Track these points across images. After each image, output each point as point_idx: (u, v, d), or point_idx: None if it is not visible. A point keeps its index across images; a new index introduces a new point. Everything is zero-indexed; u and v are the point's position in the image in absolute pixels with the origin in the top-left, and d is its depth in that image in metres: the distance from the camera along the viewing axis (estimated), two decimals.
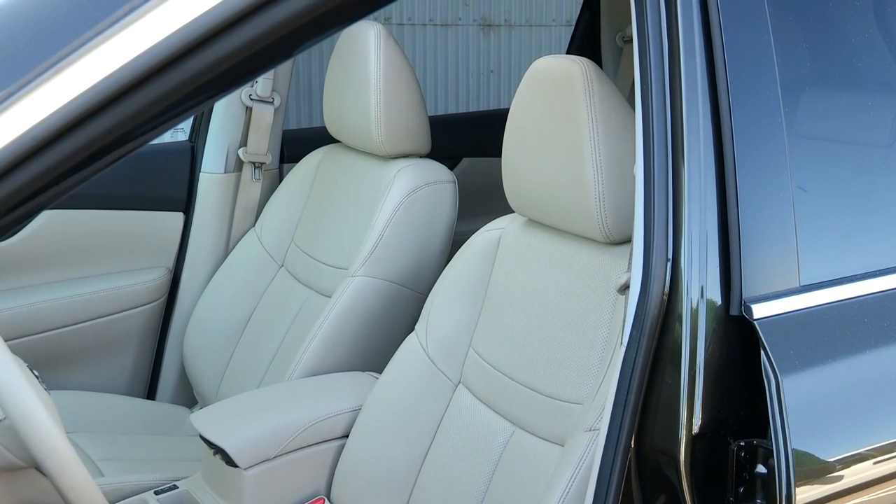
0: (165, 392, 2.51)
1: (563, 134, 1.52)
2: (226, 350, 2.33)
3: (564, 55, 1.57)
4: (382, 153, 2.15)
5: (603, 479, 1.14)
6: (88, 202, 2.34)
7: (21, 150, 0.78)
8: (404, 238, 2.07)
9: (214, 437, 1.77)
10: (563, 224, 1.60)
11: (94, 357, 2.39)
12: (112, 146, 0.83)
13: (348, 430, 1.82)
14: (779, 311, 1.14)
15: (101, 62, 0.80)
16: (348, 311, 2.04)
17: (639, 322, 1.14)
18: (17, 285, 2.29)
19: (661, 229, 1.14)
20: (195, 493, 1.85)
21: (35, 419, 1.11)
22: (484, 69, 4.47)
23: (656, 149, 1.16)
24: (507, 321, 1.67)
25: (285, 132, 2.58)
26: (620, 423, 1.13)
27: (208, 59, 0.83)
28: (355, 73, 2.13)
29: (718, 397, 1.13)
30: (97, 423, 2.18)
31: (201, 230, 2.48)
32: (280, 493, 1.79)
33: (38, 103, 0.79)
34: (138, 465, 2.01)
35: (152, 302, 2.45)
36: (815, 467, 1.12)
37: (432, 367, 1.74)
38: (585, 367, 1.51)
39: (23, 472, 1.19)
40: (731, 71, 1.17)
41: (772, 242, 1.17)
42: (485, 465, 1.60)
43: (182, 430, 2.22)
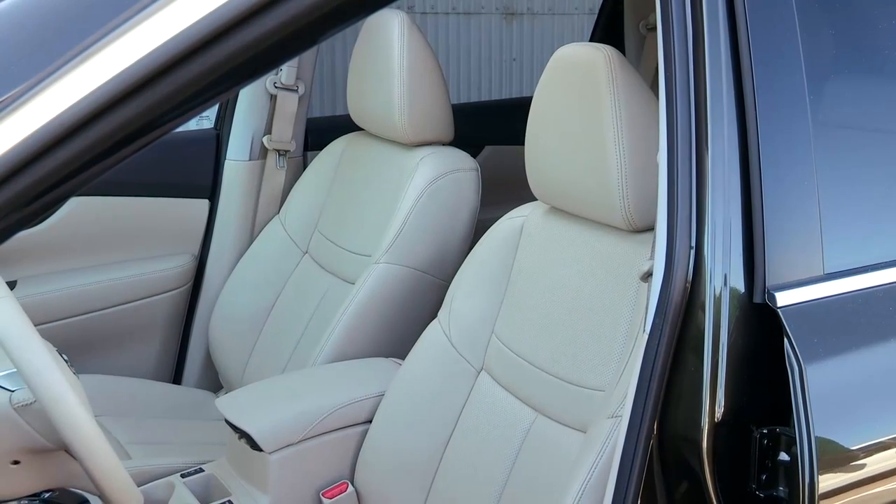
0: (191, 377, 2.52)
1: (587, 121, 1.51)
2: (250, 336, 2.34)
3: (588, 43, 1.56)
4: (406, 141, 2.15)
5: (625, 466, 1.14)
6: (116, 189, 2.36)
7: (49, 136, 0.79)
8: (427, 225, 2.06)
9: (240, 422, 1.78)
10: (585, 211, 1.59)
11: (121, 342, 2.41)
12: (138, 133, 0.83)
13: (371, 415, 1.82)
14: (802, 298, 1.13)
15: (128, 50, 0.80)
16: (371, 298, 2.04)
17: (661, 309, 1.13)
18: (46, 271, 2.31)
19: (685, 217, 1.13)
20: (220, 477, 1.86)
21: (64, 402, 1.12)
22: (506, 58, 4.46)
23: (680, 136, 1.15)
24: (529, 308, 1.67)
25: (309, 120, 2.59)
26: (643, 411, 1.13)
27: (234, 47, 0.83)
28: (379, 62, 2.13)
29: (741, 385, 1.12)
30: (125, 407, 2.20)
31: (226, 217, 2.49)
32: (304, 478, 1.80)
33: (67, 91, 0.79)
34: (165, 448, 2.03)
35: (178, 288, 2.47)
36: (838, 455, 1.11)
37: (455, 354, 1.74)
38: (608, 355, 1.51)
39: (52, 454, 1.21)
40: (756, 59, 1.16)
41: (796, 230, 1.16)
42: (507, 451, 1.60)
43: (207, 415, 2.23)
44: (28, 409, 1.16)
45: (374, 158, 2.26)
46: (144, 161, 2.36)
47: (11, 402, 1.16)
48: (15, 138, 0.78)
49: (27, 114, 0.79)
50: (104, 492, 1.17)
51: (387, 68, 2.10)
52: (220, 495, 1.82)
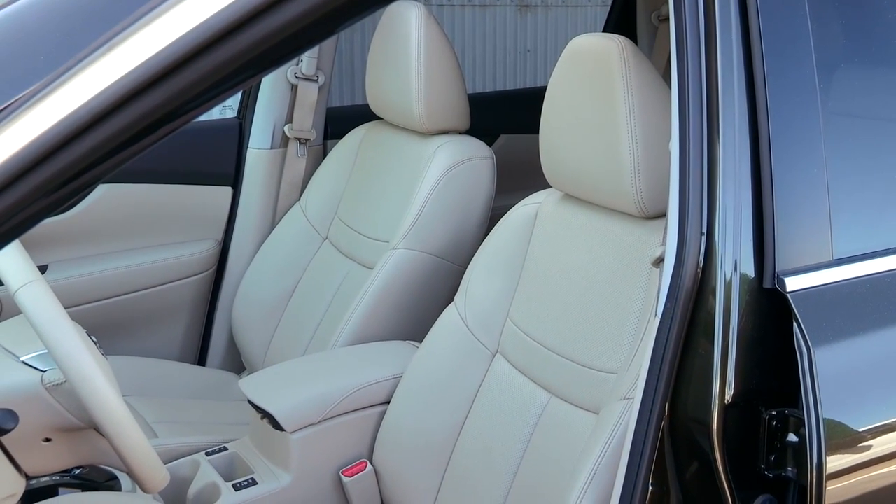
0: (215, 358, 2.53)
1: (600, 110, 1.50)
2: (272, 319, 2.34)
3: (602, 33, 1.55)
4: (423, 130, 2.14)
5: (637, 447, 1.14)
6: (142, 177, 2.37)
7: (77, 124, 0.79)
8: (444, 212, 2.06)
9: (262, 402, 1.79)
10: (598, 198, 1.58)
11: (147, 324, 2.42)
12: (163, 121, 0.83)
13: (389, 396, 1.83)
14: (811, 284, 1.12)
15: (153, 40, 0.80)
16: (389, 283, 2.04)
17: (673, 294, 1.12)
18: (75, 256, 2.32)
19: (696, 203, 1.12)
20: (243, 455, 1.87)
21: (94, 383, 1.13)
22: (521, 49, 4.44)
23: (692, 124, 1.14)
24: (543, 293, 1.67)
25: (329, 109, 2.59)
26: (654, 392, 1.12)
27: (255, 37, 0.83)
28: (397, 52, 2.12)
29: (751, 368, 1.11)
30: (151, 388, 2.21)
31: (249, 204, 2.50)
32: (324, 456, 1.81)
33: (94, 79, 0.79)
34: (190, 427, 2.03)
35: (202, 272, 2.48)
36: (846, 436, 1.10)
37: (471, 337, 1.74)
38: (620, 338, 1.50)
39: (82, 433, 1.21)
40: (767, 48, 1.15)
41: (805, 217, 1.15)
42: (521, 431, 1.60)
43: (231, 395, 2.24)
44: (59, 389, 1.17)
45: (392, 147, 2.25)
46: (170, 149, 2.38)
47: (43, 382, 1.16)
48: (44, 126, 0.79)
49: (56, 102, 0.79)
50: (132, 469, 1.18)
51: (405, 59, 2.10)
52: (243, 473, 1.83)
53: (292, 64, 2.45)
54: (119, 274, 2.35)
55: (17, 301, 1.18)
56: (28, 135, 0.79)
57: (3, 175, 0.79)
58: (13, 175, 0.79)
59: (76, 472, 1.76)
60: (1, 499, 1.15)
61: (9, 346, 1.20)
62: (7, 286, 1.21)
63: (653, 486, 1.13)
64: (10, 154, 0.79)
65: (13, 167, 0.79)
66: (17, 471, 1.17)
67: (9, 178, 0.79)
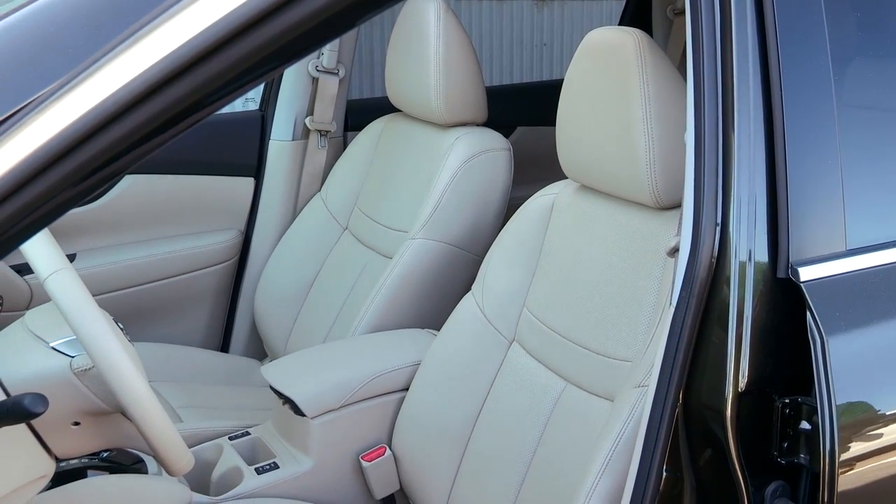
0: (238, 345, 2.54)
1: (616, 102, 1.49)
2: (293, 307, 2.35)
3: (618, 27, 1.54)
4: (441, 122, 2.14)
5: (651, 433, 1.13)
6: (167, 168, 2.37)
7: (104, 115, 0.79)
8: (462, 203, 2.06)
9: (284, 388, 1.79)
10: (614, 189, 1.58)
11: (172, 312, 2.44)
12: (188, 111, 0.83)
13: (408, 383, 1.83)
14: (825, 273, 1.12)
15: (179, 31, 0.80)
16: (408, 272, 2.04)
17: (688, 284, 1.12)
18: (103, 245, 2.33)
19: (711, 194, 1.12)
20: (266, 440, 1.88)
21: (121, 368, 1.14)
22: (537, 42, 4.42)
23: (707, 116, 1.13)
24: (559, 282, 1.66)
25: (349, 102, 2.59)
26: (669, 380, 1.12)
27: (277, 29, 0.83)
28: (416, 46, 2.12)
29: (764, 356, 1.11)
30: (176, 373, 2.22)
31: (271, 195, 2.50)
32: (344, 442, 1.81)
33: (121, 71, 0.80)
34: (214, 412, 2.04)
35: (225, 261, 2.49)
36: (858, 424, 1.10)
37: (488, 326, 1.74)
38: (635, 327, 1.50)
39: (110, 417, 1.22)
40: (782, 40, 1.14)
41: (819, 208, 1.15)
42: (537, 418, 1.60)
43: (253, 381, 2.25)
44: (87, 374, 1.17)
45: (411, 138, 2.25)
46: (194, 141, 2.39)
47: (72, 367, 1.17)
48: (72, 116, 0.79)
49: (84, 94, 0.80)
50: (158, 452, 1.19)
51: (423, 52, 2.10)
52: (265, 457, 1.84)
53: (313, 57, 2.45)
54: (145, 262, 2.36)
55: (46, 288, 1.19)
56: (57, 125, 0.79)
57: (33, 165, 0.79)
58: (42, 165, 0.79)
59: (104, 455, 1.77)
60: (32, 480, 1.16)
61: (39, 332, 1.21)
62: (37, 274, 1.22)
63: (667, 472, 1.13)
64: (39, 144, 0.79)
65: (42, 157, 0.79)
66: (47, 453, 1.18)
67: (38, 168, 0.79)
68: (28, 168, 0.79)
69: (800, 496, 1.12)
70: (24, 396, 1.04)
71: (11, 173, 0.78)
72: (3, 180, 0.78)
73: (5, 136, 0.79)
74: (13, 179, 0.78)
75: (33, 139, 0.79)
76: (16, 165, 0.79)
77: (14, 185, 0.79)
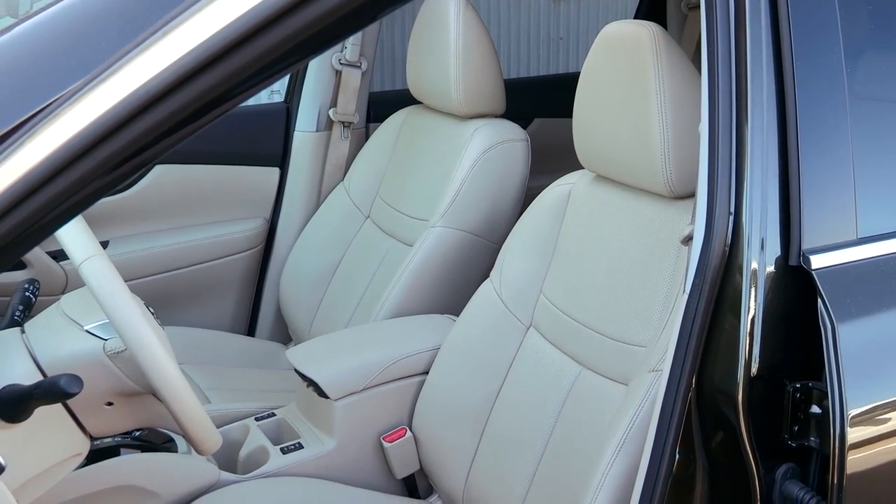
0: (263, 330, 2.55)
1: (632, 94, 1.48)
2: (317, 293, 2.35)
3: (633, 20, 1.53)
4: (461, 113, 2.13)
5: (665, 416, 1.13)
6: (196, 158, 2.38)
7: (135, 105, 0.79)
8: (480, 192, 2.06)
9: (308, 371, 1.80)
10: (630, 179, 1.57)
11: (201, 297, 2.45)
12: (216, 102, 0.83)
13: (428, 367, 1.83)
14: (836, 261, 1.11)
15: (208, 24, 0.80)
16: (428, 259, 2.04)
17: (701, 271, 1.11)
18: (134, 232, 2.35)
19: (724, 184, 1.11)
20: (290, 421, 1.89)
21: (152, 351, 1.14)
22: (554, 37, 4.39)
23: (721, 108, 1.12)
24: (575, 269, 1.66)
25: (371, 94, 2.58)
26: (682, 365, 1.11)
27: (303, 21, 0.83)
28: (436, 40, 2.11)
29: (776, 342, 1.10)
30: (204, 356, 2.23)
31: (295, 184, 2.51)
32: (366, 423, 1.82)
33: (152, 62, 0.80)
34: (240, 394, 2.06)
35: (251, 249, 2.49)
36: (867, 409, 1.09)
37: (506, 311, 1.74)
38: (649, 313, 1.49)
39: (141, 397, 1.23)
40: (796, 34, 1.12)
41: (830, 196, 1.14)
42: (553, 401, 1.60)
43: (279, 365, 2.26)
44: (119, 357, 1.18)
45: (432, 130, 2.25)
46: (222, 132, 2.39)
47: (105, 350, 1.18)
48: (105, 106, 0.79)
49: (116, 84, 0.80)
50: (187, 432, 1.19)
51: (443, 45, 2.09)
52: (290, 437, 1.85)
53: (337, 51, 2.45)
54: (175, 249, 2.37)
55: (80, 274, 1.20)
56: (90, 115, 0.80)
57: (67, 154, 0.80)
58: (76, 154, 0.80)
59: (136, 434, 1.79)
60: (68, 457, 1.17)
61: (73, 316, 1.22)
62: (72, 260, 1.22)
63: (680, 454, 1.13)
64: (72, 134, 0.79)
65: (76, 147, 0.80)
66: (82, 432, 1.19)
67: (72, 157, 0.80)
68: (62, 157, 0.79)
69: (810, 478, 1.11)
70: (60, 377, 1.05)
71: (47, 162, 0.79)
72: (39, 169, 0.78)
73: (40, 126, 0.79)
74: (48, 168, 0.79)
75: (67, 129, 0.79)
76: (50, 154, 0.79)
77: (49, 173, 0.79)
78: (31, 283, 1.39)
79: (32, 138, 0.79)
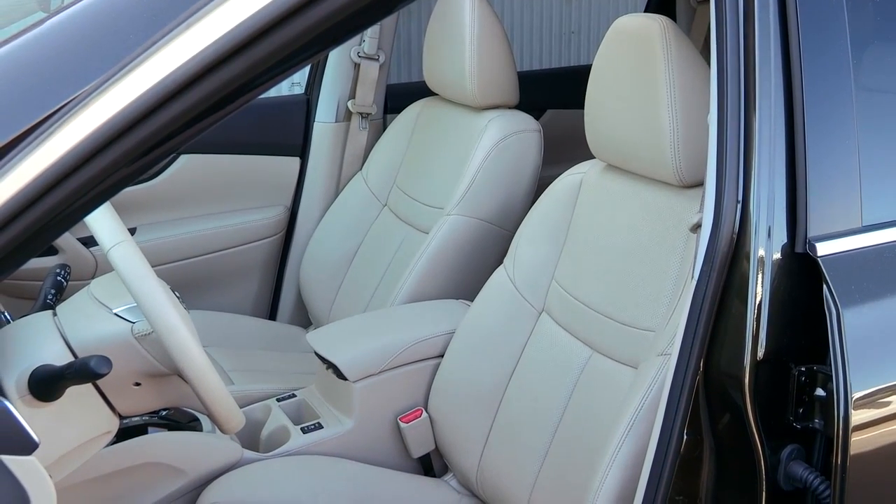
0: (284, 314, 2.56)
1: (642, 85, 1.47)
2: (336, 278, 2.36)
3: (644, 13, 1.52)
4: (475, 104, 2.13)
5: (673, 399, 1.13)
6: (219, 148, 2.39)
7: (161, 94, 0.79)
8: (494, 181, 2.05)
9: (327, 354, 1.81)
10: (640, 168, 1.56)
11: (224, 282, 2.46)
12: (238, 92, 0.83)
13: (443, 350, 1.83)
14: (841, 249, 1.10)
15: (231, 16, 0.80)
16: (443, 246, 2.04)
17: (709, 258, 1.11)
18: (161, 220, 2.36)
19: (733, 173, 1.10)
20: (310, 402, 1.90)
21: (178, 334, 1.15)
22: (566, 31, 4.37)
23: (729, 99, 1.11)
24: (587, 256, 1.65)
25: (389, 86, 2.58)
26: (690, 349, 1.11)
27: (319, 15, 0.82)
28: (452, 33, 2.11)
29: (782, 327, 1.10)
30: (228, 339, 2.24)
31: (315, 173, 2.51)
32: (383, 404, 1.82)
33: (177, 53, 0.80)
34: (262, 375, 2.06)
35: (273, 236, 2.50)
36: (870, 392, 1.08)
37: (518, 297, 1.73)
38: (658, 299, 1.49)
39: (168, 378, 1.23)
40: (803, 27, 1.12)
41: (836, 185, 1.13)
42: (565, 384, 1.60)
43: (299, 348, 2.27)
44: (146, 339, 1.18)
45: (447, 120, 2.24)
46: (245, 123, 2.39)
47: (133, 332, 1.18)
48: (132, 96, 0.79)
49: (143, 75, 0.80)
50: (211, 411, 1.20)
51: (459, 39, 2.08)
52: (310, 417, 1.86)
53: (355, 44, 2.44)
54: (199, 236, 2.38)
55: (109, 259, 1.20)
56: (117, 105, 0.80)
57: (95, 143, 0.80)
58: (103, 143, 0.80)
59: (163, 414, 1.80)
60: (99, 435, 1.18)
61: (103, 300, 1.22)
62: (101, 246, 1.23)
63: (688, 436, 1.13)
64: (100, 123, 0.80)
65: (103, 135, 0.80)
66: (111, 411, 1.20)
67: (100, 146, 0.80)
68: (92, 145, 0.79)
69: (814, 459, 1.11)
70: (90, 358, 1.05)
71: (77, 149, 0.79)
72: (70, 156, 0.79)
73: (70, 116, 0.79)
74: (79, 155, 0.79)
75: (97, 118, 0.79)
76: (80, 142, 0.79)
77: (79, 160, 0.79)
78: (63, 268, 1.40)
79: (63, 127, 0.79)
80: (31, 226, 0.80)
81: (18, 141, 0.80)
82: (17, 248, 0.81)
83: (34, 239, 0.82)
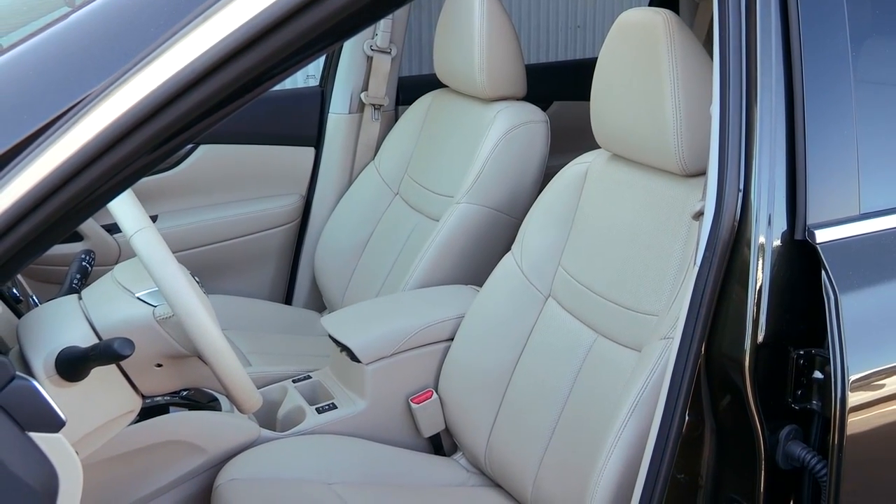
0: (300, 298, 2.57)
1: (647, 77, 1.47)
2: (349, 265, 2.36)
3: (648, 8, 1.51)
4: (484, 96, 2.12)
5: (675, 381, 1.13)
6: (237, 138, 2.39)
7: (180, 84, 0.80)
8: (503, 170, 2.05)
9: (341, 337, 1.81)
10: (644, 158, 1.56)
11: (242, 268, 2.46)
12: (254, 83, 0.83)
13: (453, 334, 1.84)
14: (840, 236, 1.10)
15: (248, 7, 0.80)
16: (453, 234, 2.04)
17: (711, 245, 1.11)
18: (181, 207, 2.37)
19: (734, 163, 1.10)
20: (325, 383, 1.91)
21: (198, 317, 1.15)
22: (572, 25, 4.35)
23: (731, 90, 1.11)
24: (592, 243, 1.65)
25: (400, 78, 2.57)
26: (692, 333, 1.11)
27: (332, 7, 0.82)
28: (462, 27, 2.10)
29: (781, 312, 1.09)
30: (245, 323, 2.25)
31: (329, 163, 2.51)
32: (395, 385, 1.83)
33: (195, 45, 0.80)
34: (279, 358, 2.07)
35: (288, 223, 2.50)
36: (867, 374, 1.08)
37: (526, 282, 1.73)
38: (661, 284, 1.49)
39: (188, 360, 1.24)
40: (804, 20, 1.11)
41: (835, 174, 1.12)
42: (570, 366, 1.60)
43: (314, 331, 2.28)
44: (167, 322, 1.19)
45: (457, 111, 2.24)
46: (261, 114, 2.40)
47: (154, 316, 1.19)
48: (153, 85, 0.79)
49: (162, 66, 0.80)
50: (230, 392, 1.20)
51: (468, 32, 2.08)
52: (324, 398, 1.86)
53: (368, 38, 2.44)
54: (218, 223, 2.39)
55: (132, 245, 1.21)
56: (137, 95, 0.80)
57: (117, 131, 0.80)
58: (124, 131, 0.80)
59: (184, 394, 1.81)
60: (122, 414, 1.19)
61: (126, 284, 1.23)
62: (124, 232, 1.23)
63: (689, 417, 1.13)
64: (121, 113, 0.80)
65: (125, 125, 0.80)
66: (134, 391, 1.20)
67: (121, 134, 0.80)
68: (113, 134, 0.80)
69: (811, 439, 1.11)
70: (113, 340, 1.06)
71: (99, 138, 0.79)
72: (93, 144, 0.79)
73: (94, 105, 0.79)
74: (101, 143, 0.79)
75: (117, 108, 0.80)
76: (103, 131, 0.79)
77: (101, 148, 0.80)
78: (88, 254, 1.40)
79: (88, 115, 0.79)
80: (56, 211, 0.81)
81: (46, 129, 0.80)
82: (44, 232, 0.82)
83: (59, 224, 0.82)
